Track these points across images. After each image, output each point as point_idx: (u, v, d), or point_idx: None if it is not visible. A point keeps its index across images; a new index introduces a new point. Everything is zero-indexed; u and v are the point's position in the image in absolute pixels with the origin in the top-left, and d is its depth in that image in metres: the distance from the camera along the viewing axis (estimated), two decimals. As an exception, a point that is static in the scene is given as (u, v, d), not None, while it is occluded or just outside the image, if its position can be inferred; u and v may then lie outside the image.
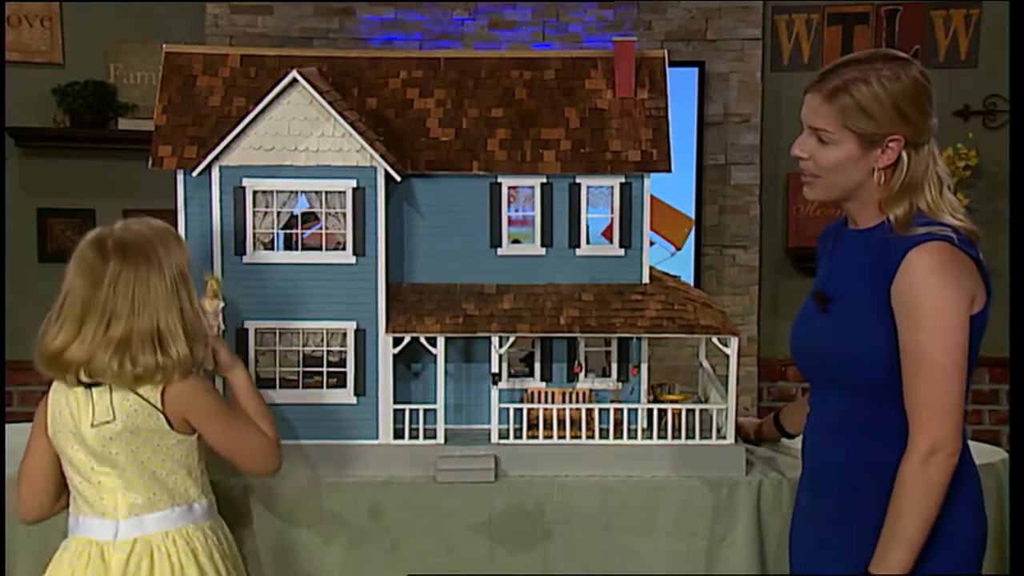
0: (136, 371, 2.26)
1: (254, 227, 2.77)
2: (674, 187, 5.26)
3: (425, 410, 2.80)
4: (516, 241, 2.89)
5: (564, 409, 2.79)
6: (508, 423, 2.81)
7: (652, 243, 3.21)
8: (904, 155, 2.13)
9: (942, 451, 2.04)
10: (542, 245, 2.88)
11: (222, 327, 2.68)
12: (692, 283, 5.01)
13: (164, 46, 2.95)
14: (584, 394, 2.86)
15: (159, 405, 2.31)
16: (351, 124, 2.70)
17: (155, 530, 2.36)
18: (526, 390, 2.88)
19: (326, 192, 2.76)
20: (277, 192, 2.76)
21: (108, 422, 2.29)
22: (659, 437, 2.80)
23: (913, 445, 2.06)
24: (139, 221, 2.38)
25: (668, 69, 2.95)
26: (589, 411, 2.79)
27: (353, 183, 2.75)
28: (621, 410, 2.81)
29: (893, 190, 2.14)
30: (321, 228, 2.78)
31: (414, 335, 2.76)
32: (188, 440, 2.38)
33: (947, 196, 2.15)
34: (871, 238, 2.17)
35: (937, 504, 2.06)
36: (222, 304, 2.66)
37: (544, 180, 2.85)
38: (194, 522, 2.41)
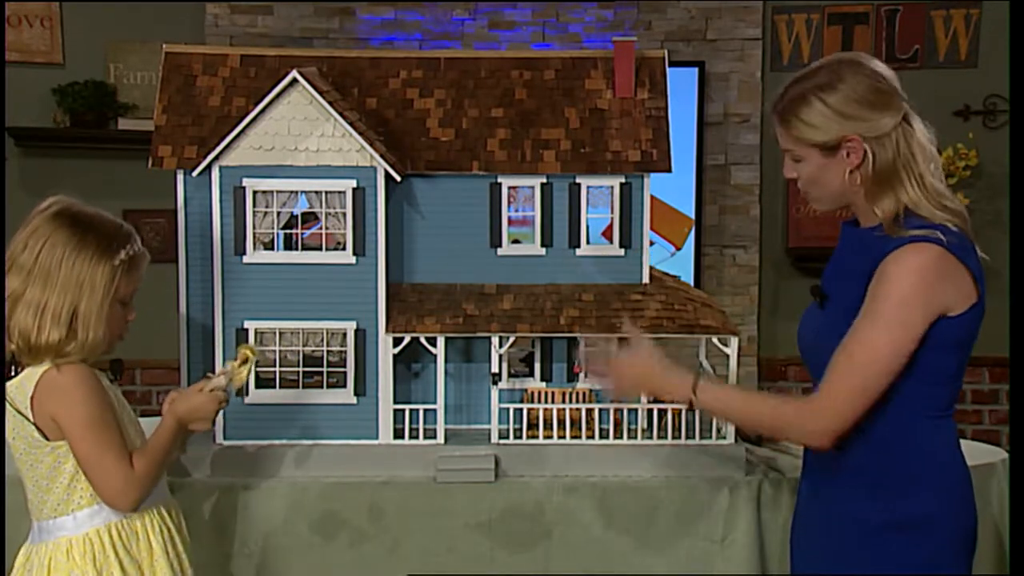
0: (39, 341, 2.19)
1: (254, 227, 2.77)
2: (674, 187, 5.25)
3: (425, 410, 2.80)
4: (516, 241, 2.89)
5: (564, 409, 2.79)
6: (508, 423, 2.81)
7: (652, 243, 3.21)
8: (868, 149, 2.15)
9: (825, 434, 2.09)
10: (542, 245, 2.88)
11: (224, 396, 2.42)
12: (692, 283, 5.00)
13: (164, 46, 2.96)
14: (584, 394, 2.86)
15: (29, 415, 2.22)
16: (351, 124, 2.70)
17: (50, 538, 2.28)
18: (526, 390, 2.88)
19: (326, 192, 2.76)
20: (277, 192, 2.76)
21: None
22: (659, 437, 2.80)
23: (817, 406, 2.10)
24: (109, 215, 2.34)
25: (668, 69, 2.95)
26: (589, 411, 2.79)
27: (353, 183, 2.75)
28: (621, 410, 2.81)
29: (868, 185, 2.17)
30: (321, 228, 2.78)
31: (414, 335, 2.76)
32: (62, 446, 2.24)
33: (931, 185, 2.15)
34: (866, 238, 2.18)
35: (760, 426, 2.23)
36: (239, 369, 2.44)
37: (544, 180, 2.85)
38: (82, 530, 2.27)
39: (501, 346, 2.76)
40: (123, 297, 2.29)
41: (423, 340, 2.77)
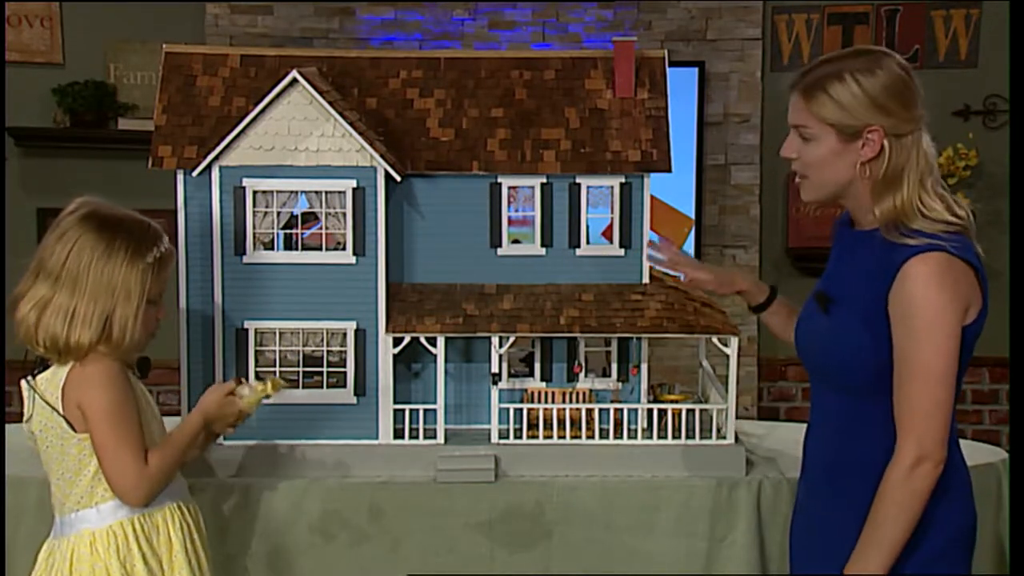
0: (69, 342, 2.21)
1: (254, 227, 2.77)
2: (674, 187, 5.26)
3: (425, 410, 2.80)
4: (516, 241, 2.89)
5: (564, 409, 2.79)
6: (508, 423, 2.81)
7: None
8: (886, 145, 2.13)
9: (928, 461, 2.05)
10: (542, 245, 2.88)
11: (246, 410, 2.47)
12: (692, 283, 5.01)
13: (164, 46, 2.96)
14: (584, 394, 2.86)
15: (59, 407, 2.24)
16: (351, 124, 2.70)
17: (72, 532, 2.29)
18: (526, 390, 2.88)
19: (326, 192, 2.76)
20: (277, 192, 2.76)
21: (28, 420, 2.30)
22: (659, 437, 2.80)
23: (900, 453, 2.06)
24: (137, 214, 2.35)
25: (668, 69, 2.95)
26: (589, 411, 2.79)
27: (353, 183, 2.75)
28: (621, 410, 2.81)
29: (878, 181, 2.15)
30: (321, 228, 2.78)
31: (414, 335, 2.76)
32: (88, 439, 2.25)
33: (926, 200, 2.12)
34: (870, 241, 2.17)
35: (919, 512, 2.07)
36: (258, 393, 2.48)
37: (544, 180, 2.85)
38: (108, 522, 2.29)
39: (501, 346, 2.76)
40: (154, 297, 2.31)
41: (423, 340, 2.77)
